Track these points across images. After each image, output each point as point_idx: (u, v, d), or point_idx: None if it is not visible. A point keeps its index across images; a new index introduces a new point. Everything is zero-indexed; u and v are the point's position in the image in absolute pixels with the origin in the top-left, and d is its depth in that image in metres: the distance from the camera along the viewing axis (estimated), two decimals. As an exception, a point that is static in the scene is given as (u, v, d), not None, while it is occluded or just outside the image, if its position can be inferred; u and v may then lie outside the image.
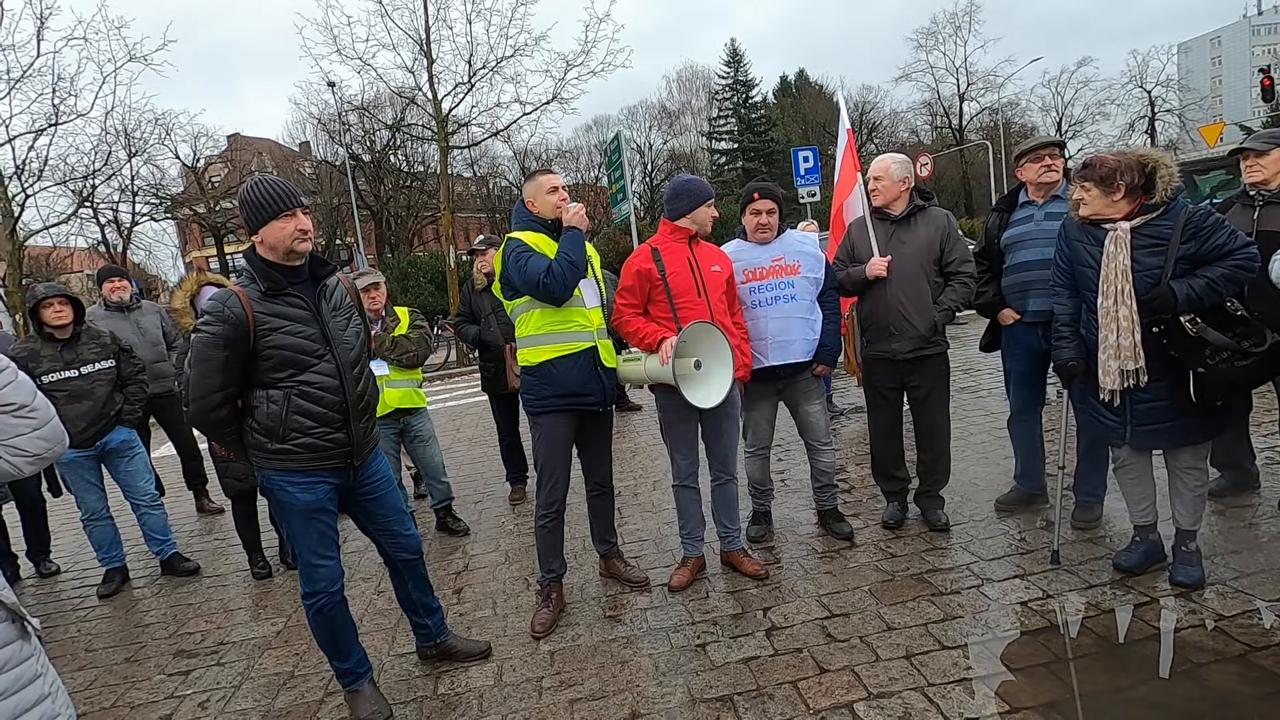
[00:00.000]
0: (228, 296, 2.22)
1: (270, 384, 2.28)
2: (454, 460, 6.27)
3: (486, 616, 3.19)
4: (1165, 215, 2.51)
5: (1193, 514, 2.70)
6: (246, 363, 2.24)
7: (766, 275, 3.33)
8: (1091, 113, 38.85)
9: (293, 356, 2.27)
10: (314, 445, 2.32)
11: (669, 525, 3.89)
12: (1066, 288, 2.80)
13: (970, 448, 4.67)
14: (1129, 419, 2.65)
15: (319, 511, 2.39)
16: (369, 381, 2.50)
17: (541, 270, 2.78)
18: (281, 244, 2.25)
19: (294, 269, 2.31)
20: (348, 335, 2.42)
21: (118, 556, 4.11)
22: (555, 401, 2.93)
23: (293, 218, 2.24)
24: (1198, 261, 2.47)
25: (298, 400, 2.28)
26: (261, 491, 2.42)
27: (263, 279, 2.26)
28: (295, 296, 2.30)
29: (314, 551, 2.41)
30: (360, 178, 32.59)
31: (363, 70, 14.62)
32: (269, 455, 2.31)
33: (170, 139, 26.64)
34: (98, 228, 25.71)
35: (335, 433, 2.36)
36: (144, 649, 3.30)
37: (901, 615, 2.75)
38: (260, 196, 2.23)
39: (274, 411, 2.27)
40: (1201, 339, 2.41)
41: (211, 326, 2.19)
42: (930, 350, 3.32)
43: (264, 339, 2.23)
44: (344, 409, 2.36)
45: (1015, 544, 3.23)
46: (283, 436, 2.29)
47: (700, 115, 45.18)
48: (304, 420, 2.30)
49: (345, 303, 2.48)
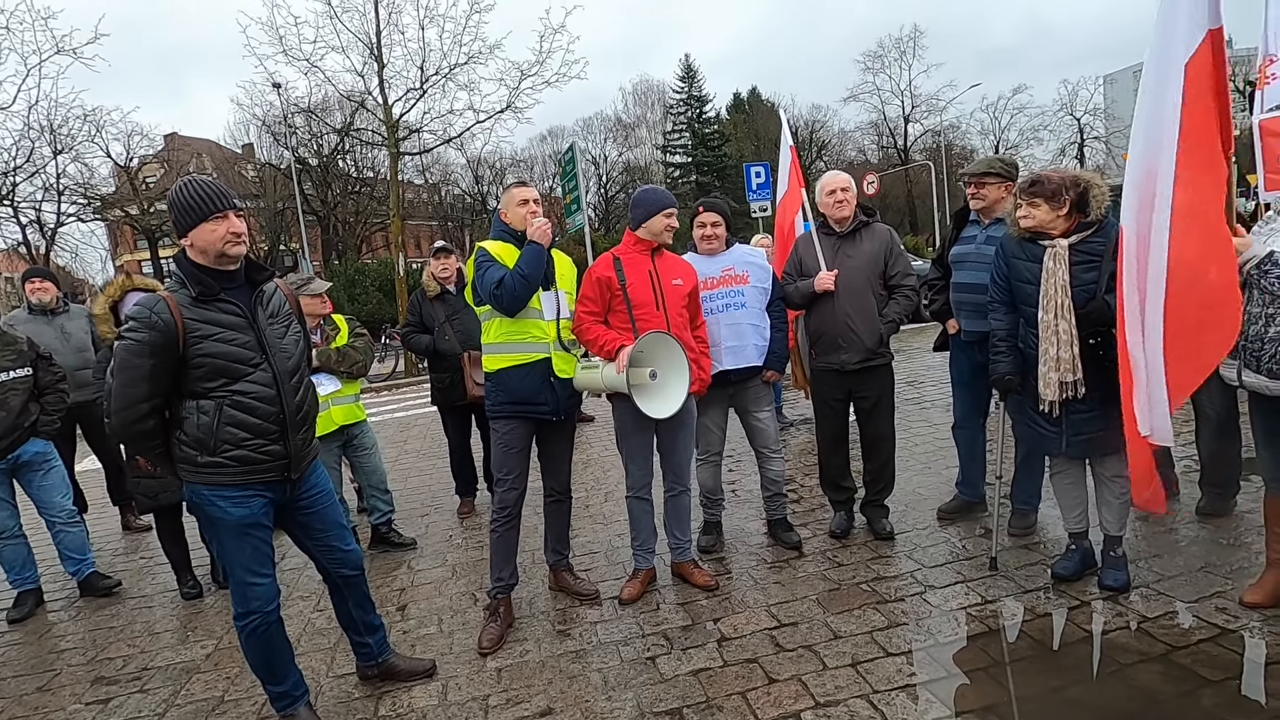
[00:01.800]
0: (155, 302, 2.11)
1: (201, 394, 2.17)
2: (401, 472, 6.11)
3: (431, 634, 3.10)
4: (1098, 233, 2.66)
5: (1119, 520, 2.83)
6: (175, 371, 2.13)
7: (717, 285, 3.38)
8: (1026, 137, 40.82)
9: (225, 365, 2.17)
10: (248, 458, 2.22)
11: (620, 537, 3.86)
12: (1003, 304, 2.90)
13: (914, 458, 4.79)
14: (1066, 429, 2.76)
15: (253, 527, 2.28)
16: (308, 391, 2.42)
17: (494, 282, 2.84)
18: (212, 247, 2.15)
19: (228, 273, 2.22)
20: (286, 343, 2.33)
21: (31, 578, 3.84)
22: (509, 408, 3.00)
23: (224, 220, 2.14)
24: None
25: (230, 411, 2.18)
26: (189, 508, 2.30)
27: (193, 283, 2.16)
28: (229, 302, 2.21)
29: (248, 569, 2.29)
30: (307, 182, 31.67)
31: (310, 72, 14.25)
32: (199, 469, 2.20)
33: (101, 136, 25.37)
34: (18, 228, 24.21)
35: (271, 445, 2.26)
36: (59, 677, 3.08)
37: (848, 623, 2.79)
38: (190, 198, 2.13)
39: (205, 423, 2.17)
40: None
41: (137, 333, 2.08)
42: (876, 362, 3.41)
43: (194, 346, 2.12)
44: (281, 420, 2.27)
45: (956, 551, 3.32)
46: (214, 449, 2.18)
47: (655, 129, 45.61)
48: (237, 432, 2.20)
49: (284, 310, 2.39)
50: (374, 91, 13.29)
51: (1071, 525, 2.97)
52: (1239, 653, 2.35)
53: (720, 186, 40.19)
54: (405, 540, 4.16)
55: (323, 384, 3.68)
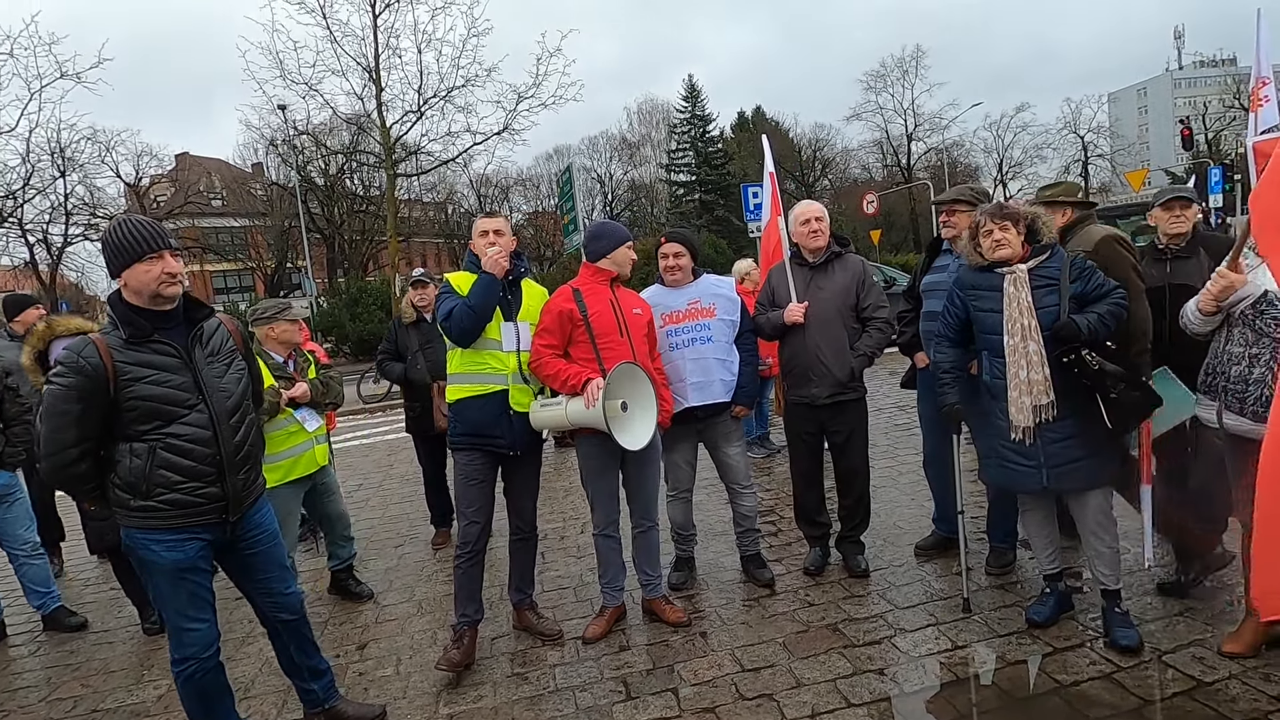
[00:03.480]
0: (83, 345, 2.07)
1: (134, 436, 2.13)
2: (383, 498, 6.05)
3: (388, 675, 3.02)
4: (1051, 258, 2.67)
5: (1114, 571, 2.69)
6: (106, 415, 2.09)
7: (683, 319, 3.32)
8: (1030, 156, 40.88)
9: (158, 408, 2.13)
10: (182, 501, 2.17)
11: (592, 571, 3.76)
12: (948, 338, 2.91)
13: (899, 488, 4.70)
14: (1043, 461, 2.66)
15: (189, 571, 2.22)
16: (250, 430, 2.36)
17: (444, 314, 2.86)
18: (146, 288, 2.12)
19: (163, 313, 2.18)
20: (225, 382, 2.28)
21: (-7, 611, 3.79)
22: (466, 440, 2.97)
23: (159, 260, 2.11)
24: (1083, 300, 2.63)
25: (163, 454, 2.13)
26: (124, 550, 2.24)
27: (125, 325, 2.12)
28: (163, 343, 2.16)
29: (183, 614, 2.24)
30: (313, 200, 32.01)
31: (308, 96, 14.42)
32: (131, 513, 2.15)
33: (111, 157, 25.78)
34: (25, 247, 24.51)
35: (207, 487, 2.21)
36: (9, 717, 3.02)
37: (812, 670, 2.69)
38: (123, 238, 2.10)
39: (137, 466, 2.12)
40: (1102, 370, 2.51)
41: (64, 379, 2.04)
42: (848, 395, 3.33)
43: (126, 389, 2.08)
44: (218, 461, 2.22)
45: (930, 591, 3.22)
46: (146, 492, 2.13)
47: (660, 148, 45.93)
48: (170, 475, 2.15)
49: (226, 346, 2.34)
50: (372, 114, 13.41)
51: (1045, 567, 2.87)
52: (1214, 709, 2.24)
53: (724, 205, 40.32)
54: (363, 590, 3.87)
55: (307, 421, 3.54)
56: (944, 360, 2.92)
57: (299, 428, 3.46)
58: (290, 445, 3.42)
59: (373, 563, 4.43)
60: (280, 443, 3.37)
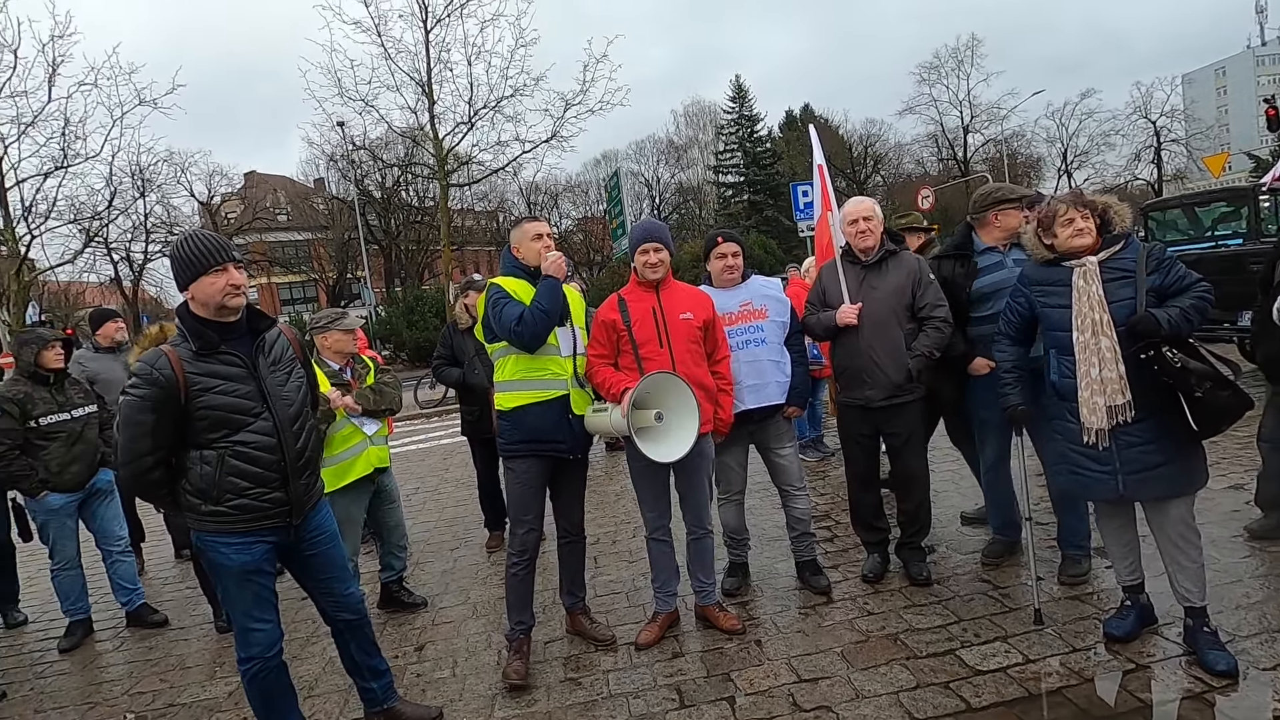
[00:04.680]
0: (156, 358, 2.16)
1: (204, 444, 2.21)
2: (439, 502, 6.18)
3: (445, 677, 3.06)
4: (1126, 249, 2.51)
5: (1199, 587, 2.49)
6: (179, 424, 2.18)
7: (736, 320, 3.27)
8: (1096, 143, 38.94)
9: (226, 416, 2.21)
10: (250, 506, 2.25)
11: (644, 576, 3.75)
12: (1009, 336, 2.78)
13: (961, 492, 4.52)
14: (1119, 466, 2.48)
15: (255, 573, 2.31)
16: (310, 436, 2.44)
17: (514, 318, 2.79)
18: (212, 300, 2.20)
19: (229, 325, 2.26)
20: (287, 391, 2.36)
21: (83, 608, 4.02)
22: (526, 447, 2.93)
23: (223, 273, 2.19)
24: (1162, 293, 2.45)
25: (232, 461, 2.21)
26: (195, 552, 2.34)
27: (194, 337, 2.20)
28: (230, 354, 2.24)
29: (249, 615, 2.32)
30: (371, 213, 33.13)
31: (365, 112, 14.91)
32: (202, 517, 2.24)
33: (185, 177, 27.28)
34: (111, 265, 26.16)
35: (273, 492, 2.29)
36: (94, 710, 3.19)
37: (873, 681, 2.60)
38: (189, 252, 2.18)
39: (207, 473, 2.20)
40: (1185, 368, 2.33)
41: (139, 389, 2.13)
42: (905, 398, 3.21)
43: (196, 399, 2.16)
44: (282, 467, 2.29)
45: (998, 601, 3.08)
46: (216, 498, 2.21)
47: (707, 149, 45.75)
48: (239, 481, 2.23)
49: (286, 355, 2.42)
50: (426, 126, 13.77)
51: (1124, 578, 2.70)
52: (1321, 735, 2.06)
53: (773, 204, 39.86)
54: (415, 600, 3.87)
55: (365, 424, 3.62)
56: (1006, 360, 2.78)
57: (354, 430, 3.56)
58: (347, 447, 3.51)
59: (429, 565, 4.53)
60: (338, 445, 3.46)
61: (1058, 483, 2.75)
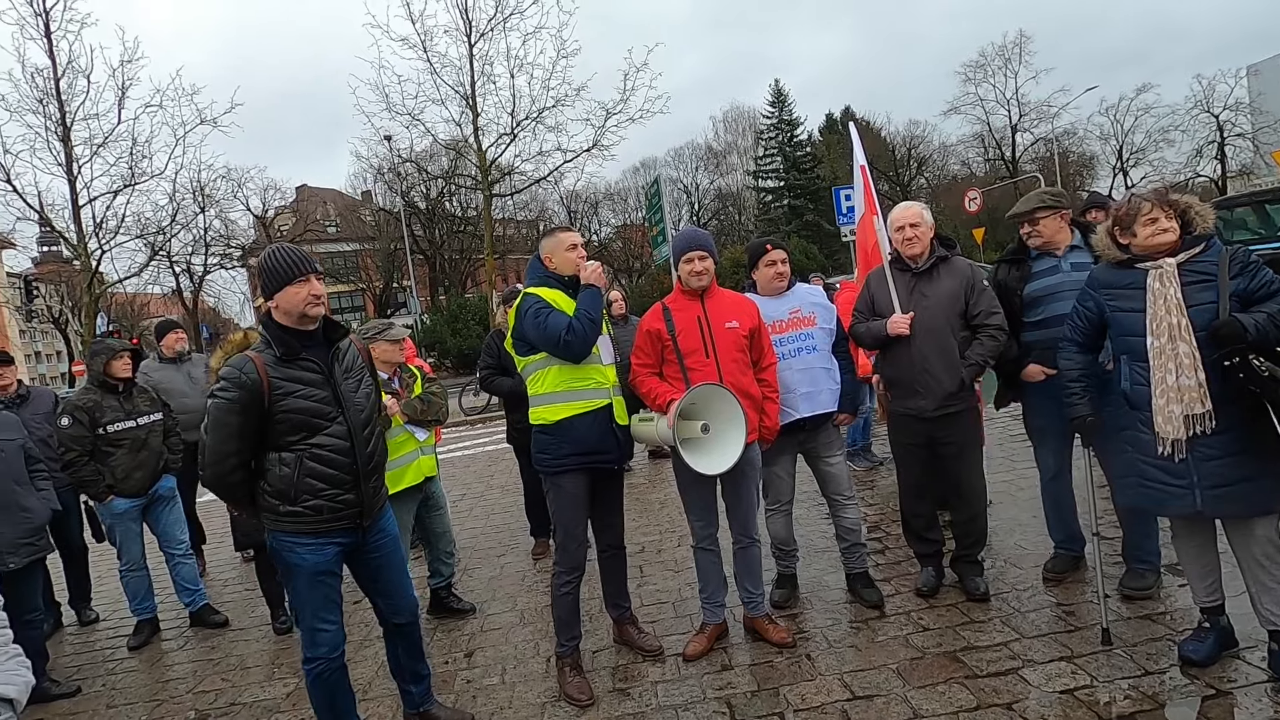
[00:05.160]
0: (244, 362, 2.28)
1: (283, 447, 2.32)
2: (485, 509, 6.25)
3: (494, 684, 3.09)
4: (1206, 252, 2.38)
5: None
6: (261, 427, 2.29)
7: (786, 328, 3.24)
8: (1154, 139, 37.30)
9: (305, 420, 2.32)
10: (324, 507, 2.35)
11: (691, 586, 3.72)
12: (1075, 342, 2.66)
13: (1018, 504, 4.36)
14: (1196, 481, 2.34)
15: (325, 574, 2.41)
16: (379, 441, 2.54)
17: (563, 327, 2.76)
18: (295, 308, 2.32)
19: (308, 333, 2.38)
20: (359, 397, 2.46)
21: (150, 607, 4.19)
22: (574, 460, 2.87)
23: (306, 283, 2.31)
24: (1246, 298, 2.31)
25: (309, 463, 2.32)
26: (270, 553, 2.44)
27: (278, 344, 2.32)
28: (309, 360, 2.36)
29: (317, 615, 2.41)
30: (416, 224, 33.95)
31: (411, 125, 15.30)
32: (280, 518, 2.35)
33: (241, 192, 28.44)
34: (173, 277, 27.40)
35: (346, 494, 2.38)
36: (161, 706, 3.32)
37: (930, 700, 2.52)
38: (276, 263, 2.32)
39: (285, 474, 2.31)
40: (1274, 377, 2.18)
41: (228, 392, 2.24)
42: (959, 407, 3.12)
43: (278, 403, 2.28)
44: (354, 470, 2.39)
45: (1061, 619, 2.96)
46: (294, 499, 2.32)
47: (746, 155, 45.50)
48: (315, 483, 2.33)
49: (357, 364, 2.53)
50: (469, 138, 14.05)
51: (1203, 599, 2.55)
52: None
53: (814, 209, 39.43)
54: (464, 606, 3.92)
55: (416, 431, 3.69)
56: (1073, 367, 2.66)
57: (408, 437, 3.63)
58: (400, 454, 3.58)
59: (477, 571, 4.58)
60: (391, 452, 3.53)
61: (1127, 497, 2.60)
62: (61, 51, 14.55)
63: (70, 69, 14.63)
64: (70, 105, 14.77)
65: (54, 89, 14.62)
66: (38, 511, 3.32)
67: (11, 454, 3.30)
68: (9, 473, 3.25)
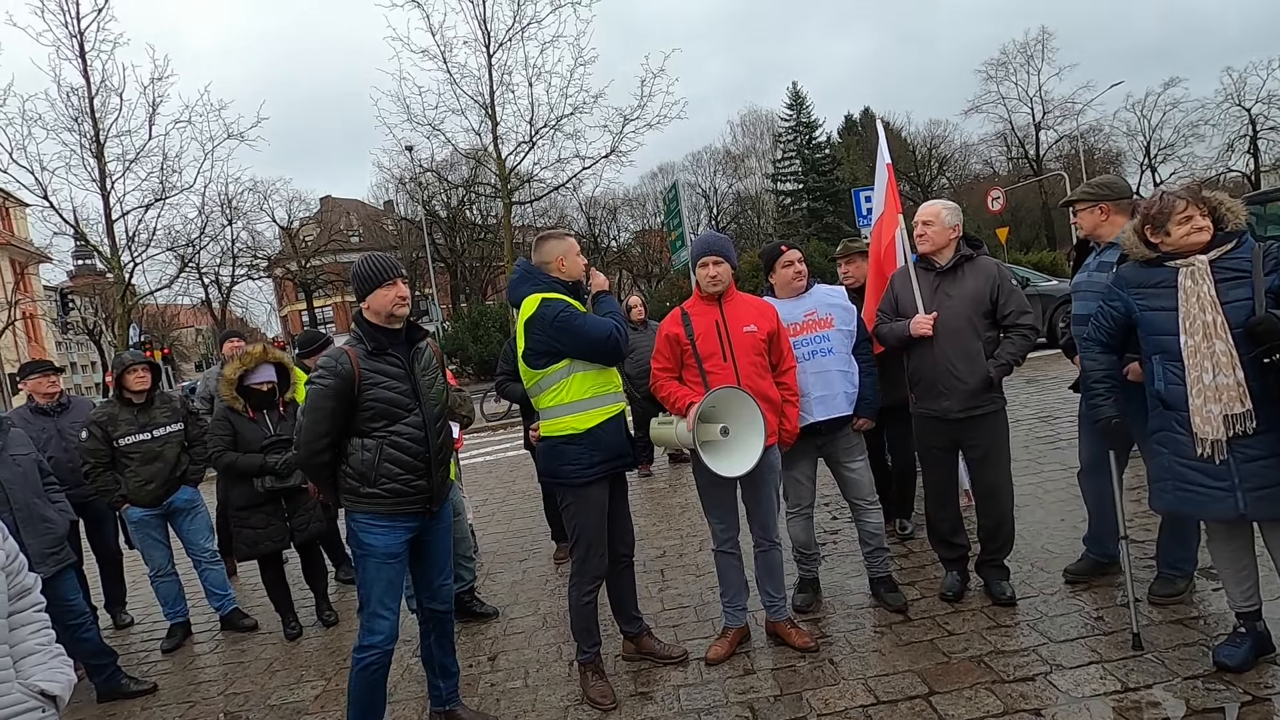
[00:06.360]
0: (340, 354, 2.52)
1: (366, 433, 2.53)
2: (507, 513, 6.29)
3: (518, 688, 3.11)
4: (1239, 248, 2.33)
5: None
6: (349, 413, 2.50)
7: (801, 330, 3.23)
8: (1183, 135, 36.60)
9: (387, 409, 2.53)
10: (400, 490, 2.53)
11: (712, 590, 3.71)
12: (1100, 342, 2.60)
13: (1044, 507, 4.29)
14: (1238, 483, 2.28)
15: (392, 558, 2.57)
16: (447, 434, 2.72)
17: (610, 327, 2.76)
18: (384, 309, 2.55)
19: (394, 331, 2.60)
20: (433, 393, 2.68)
21: (181, 611, 4.28)
22: (603, 468, 2.82)
23: (394, 286, 2.55)
24: None
25: (389, 449, 2.51)
26: (348, 538, 2.61)
27: (369, 340, 2.55)
28: (394, 356, 2.58)
29: (381, 601, 2.55)
30: (437, 232, 34.36)
31: (431, 135, 15.51)
32: (359, 498, 2.52)
33: (267, 204, 29.01)
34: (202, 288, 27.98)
35: (418, 479, 2.56)
36: (194, 708, 3.39)
37: (957, 706, 2.49)
38: (368, 269, 2.57)
39: (367, 458, 2.51)
40: None
41: (325, 379, 2.46)
42: (985, 408, 3.09)
43: (366, 392, 2.50)
44: (426, 458, 2.57)
45: (1091, 623, 2.90)
46: (373, 481, 2.50)
47: (765, 158, 45.33)
48: (393, 467, 2.52)
49: (432, 364, 2.74)
50: (489, 147, 14.20)
51: (1240, 604, 2.48)
52: None
53: (833, 211, 39.14)
54: (486, 610, 3.95)
55: (453, 431, 3.77)
56: (1097, 368, 2.62)
57: None
58: None
59: (499, 576, 4.61)
60: None
61: (1165, 501, 2.51)
62: (95, 71, 14.98)
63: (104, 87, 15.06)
64: (104, 122, 15.21)
65: (88, 107, 15.06)
66: (58, 522, 3.39)
67: (28, 468, 3.37)
68: (28, 486, 3.32)
